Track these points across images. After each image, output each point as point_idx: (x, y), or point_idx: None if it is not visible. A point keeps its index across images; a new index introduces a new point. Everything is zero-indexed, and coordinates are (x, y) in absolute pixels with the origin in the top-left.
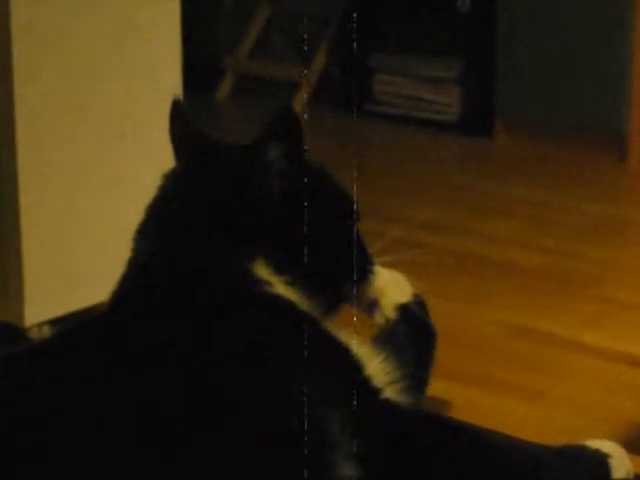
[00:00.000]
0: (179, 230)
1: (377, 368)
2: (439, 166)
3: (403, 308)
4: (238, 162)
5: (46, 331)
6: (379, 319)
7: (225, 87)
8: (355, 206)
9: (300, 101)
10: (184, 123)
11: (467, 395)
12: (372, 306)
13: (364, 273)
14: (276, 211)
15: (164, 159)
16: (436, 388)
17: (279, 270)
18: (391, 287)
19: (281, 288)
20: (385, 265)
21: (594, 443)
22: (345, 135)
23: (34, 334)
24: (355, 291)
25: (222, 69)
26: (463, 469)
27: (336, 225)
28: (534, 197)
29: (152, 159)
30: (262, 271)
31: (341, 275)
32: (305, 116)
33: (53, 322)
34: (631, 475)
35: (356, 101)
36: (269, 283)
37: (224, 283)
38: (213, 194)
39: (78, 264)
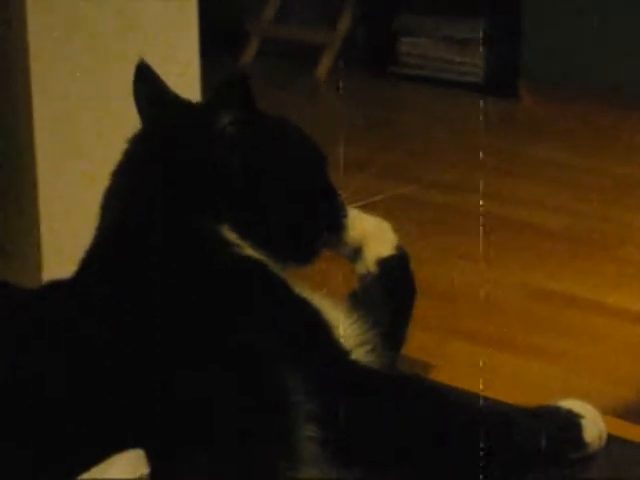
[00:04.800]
0: (144, 196)
1: (348, 330)
2: (464, 127)
3: (383, 263)
4: (193, 129)
5: None
6: (360, 269)
7: (249, 51)
8: (322, 153)
9: (325, 64)
10: (150, 85)
11: (487, 357)
12: (355, 253)
13: (337, 220)
14: (234, 178)
15: None
16: (456, 349)
17: (246, 234)
18: (374, 237)
19: (249, 250)
20: (369, 212)
21: (567, 403)
22: (370, 97)
23: None
24: (334, 239)
25: (246, 33)
26: (430, 430)
27: (302, 177)
28: (558, 158)
29: None
30: (230, 235)
31: (313, 226)
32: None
33: None
34: (604, 436)
35: (381, 63)
36: (239, 245)
37: (193, 244)
38: (174, 159)
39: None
